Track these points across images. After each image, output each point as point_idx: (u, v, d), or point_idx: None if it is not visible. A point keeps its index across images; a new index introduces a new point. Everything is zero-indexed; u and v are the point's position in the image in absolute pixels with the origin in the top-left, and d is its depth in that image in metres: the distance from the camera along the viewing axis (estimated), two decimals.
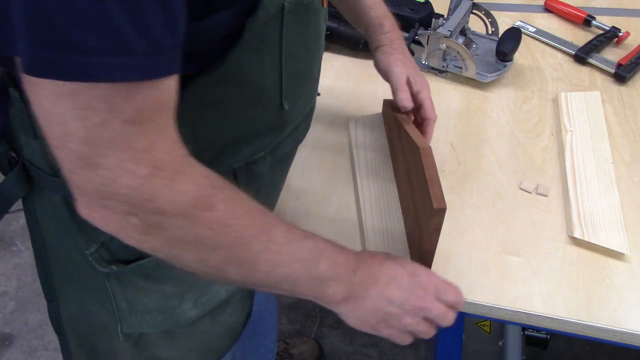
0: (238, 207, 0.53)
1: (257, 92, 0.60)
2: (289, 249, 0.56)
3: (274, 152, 0.70)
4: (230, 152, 0.64)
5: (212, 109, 0.58)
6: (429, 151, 0.73)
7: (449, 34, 1.06)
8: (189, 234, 0.50)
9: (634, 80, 1.14)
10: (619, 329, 0.75)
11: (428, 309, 0.63)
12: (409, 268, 0.65)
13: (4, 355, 1.67)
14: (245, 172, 0.67)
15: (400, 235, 0.82)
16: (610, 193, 0.90)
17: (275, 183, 0.78)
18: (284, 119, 0.67)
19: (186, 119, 0.54)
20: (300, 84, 0.67)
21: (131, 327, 0.74)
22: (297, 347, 1.63)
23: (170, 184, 0.47)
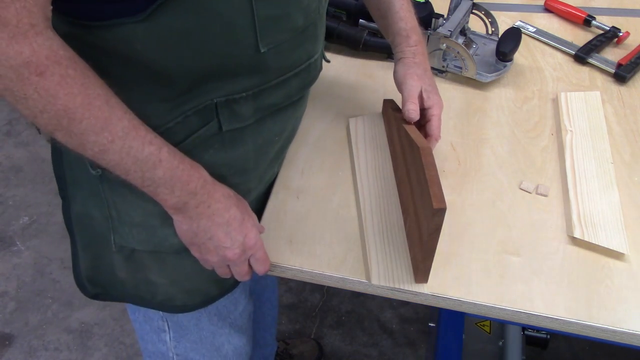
0: (76, 87, 0.58)
1: (227, 27, 0.64)
2: (123, 143, 0.62)
3: (257, 97, 0.73)
4: (209, 86, 0.69)
5: (183, 37, 0.63)
6: (429, 151, 0.73)
7: (449, 34, 1.06)
8: (18, 89, 0.57)
9: (634, 80, 1.14)
10: (619, 329, 0.75)
11: (235, 264, 0.75)
12: (246, 227, 0.74)
13: (4, 355, 1.67)
14: (226, 109, 0.71)
15: (400, 235, 0.83)
16: (610, 193, 0.90)
17: (265, 134, 0.80)
18: (263, 63, 0.70)
19: (159, 43, 0.62)
20: (278, 30, 0.70)
21: (121, 239, 0.80)
22: (297, 347, 1.63)
23: (8, 40, 0.54)
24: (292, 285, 1.85)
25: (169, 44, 0.63)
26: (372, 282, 0.78)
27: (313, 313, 1.78)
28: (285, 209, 0.87)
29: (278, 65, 0.74)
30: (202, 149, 0.74)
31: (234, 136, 0.75)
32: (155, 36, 0.62)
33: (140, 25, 0.61)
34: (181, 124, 0.71)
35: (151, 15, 0.60)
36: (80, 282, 0.89)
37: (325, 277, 0.80)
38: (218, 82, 0.69)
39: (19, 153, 2.21)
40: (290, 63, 0.76)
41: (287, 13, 0.70)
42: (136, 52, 0.63)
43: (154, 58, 0.64)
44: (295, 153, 0.95)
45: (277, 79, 0.75)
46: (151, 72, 0.65)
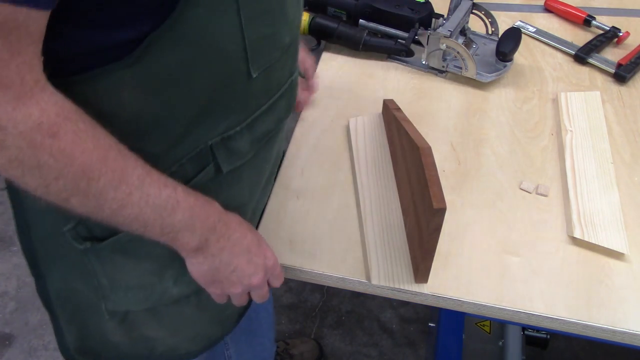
0: (90, 142, 0.53)
1: (220, 56, 0.60)
2: (142, 192, 0.57)
3: (251, 128, 0.70)
4: (203, 125, 0.64)
5: (175, 74, 0.58)
6: (429, 151, 0.73)
7: (449, 34, 1.06)
8: (30, 158, 0.50)
9: (634, 80, 1.14)
10: (619, 329, 0.75)
11: (259, 288, 0.72)
12: (264, 249, 0.72)
13: (4, 355, 1.67)
14: (223, 149, 0.67)
15: (400, 235, 0.83)
16: (610, 193, 0.90)
17: (259, 165, 0.77)
18: (255, 90, 0.67)
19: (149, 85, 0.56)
20: (267, 52, 0.66)
21: (115, 304, 0.76)
22: (298, 347, 1.63)
23: (15, 103, 0.48)
24: (292, 285, 1.85)
25: (159, 84, 0.58)
26: (372, 282, 0.78)
27: (313, 313, 1.78)
28: (285, 209, 0.87)
29: (267, 88, 0.70)
30: None
31: (231, 176, 0.72)
32: (145, 79, 0.56)
33: (128, 71, 0.55)
34: (176, 174, 0.65)
35: (140, 57, 0.54)
36: (69, 356, 0.84)
37: (325, 277, 0.80)
38: (211, 121, 0.65)
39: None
40: (277, 84, 0.72)
41: (275, 31, 0.66)
42: (123, 103, 0.57)
43: (143, 106, 0.58)
44: (295, 153, 0.95)
45: (267, 103, 0.71)
46: (140, 124, 0.60)
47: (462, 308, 0.78)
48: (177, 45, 0.55)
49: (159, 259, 0.72)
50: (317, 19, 1.13)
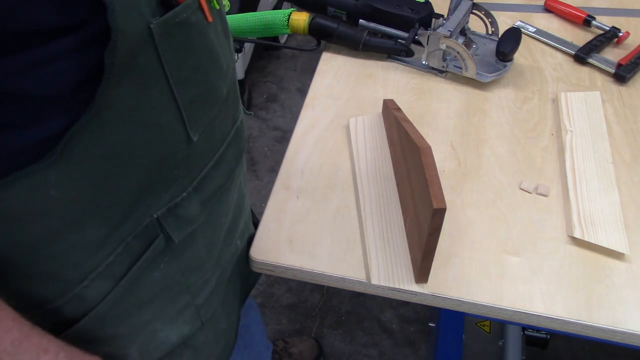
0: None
1: (155, 129, 0.54)
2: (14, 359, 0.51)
3: (199, 190, 0.64)
4: (145, 201, 0.58)
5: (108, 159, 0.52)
6: (429, 151, 0.73)
7: (449, 34, 1.06)
8: None
9: (634, 80, 1.14)
10: (619, 329, 0.75)
11: None
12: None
13: None
14: (171, 219, 0.62)
15: (400, 235, 0.83)
16: (610, 193, 0.90)
17: (214, 221, 0.71)
18: (196, 152, 0.62)
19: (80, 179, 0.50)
20: (206, 110, 0.61)
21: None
22: (297, 346, 1.63)
23: None
24: (292, 285, 1.85)
25: (90, 176, 0.51)
26: (372, 282, 0.78)
27: (313, 313, 1.78)
28: (285, 209, 0.87)
29: (210, 145, 0.65)
30: (152, 269, 0.63)
31: (184, 242, 0.65)
32: (74, 173, 0.49)
33: (50, 170, 0.48)
34: (122, 255, 0.59)
35: (63, 152, 0.47)
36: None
37: (325, 277, 0.80)
38: (154, 195, 0.59)
39: None
40: (220, 136, 0.67)
41: (211, 87, 0.60)
42: (52, 201, 0.50)
43: (75, 198, 0.51)
44: (295, 153, 0.95)
45: (213, 158, 0.66)
46: (75, 216, 0.53)
47: (462, 308, 0.78)
48: (104, 133, 0.50)
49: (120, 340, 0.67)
50: (317, 19, 1.13)
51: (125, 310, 0.64)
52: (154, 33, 0.49)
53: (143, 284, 0.63)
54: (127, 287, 0.61)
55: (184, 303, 0.71)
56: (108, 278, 0.59)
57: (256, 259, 0.81)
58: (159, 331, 0.70)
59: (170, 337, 0.72)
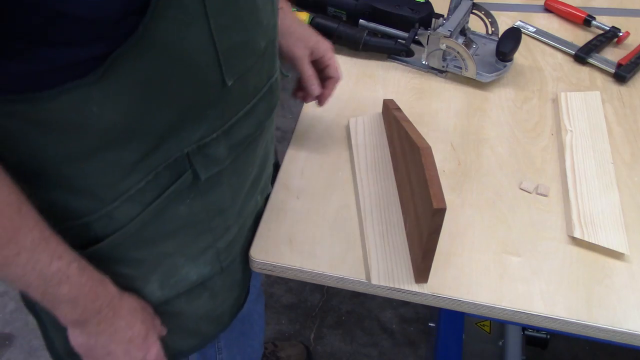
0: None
1: (191, 68, 0.59)
2: (31, 256, 0.56)
3: (228, 134, 0.68)
4: (178, 134, 0.63)
5: (144, 89, 0.56)
6: (429, 151, 0.73)
7: (449, 34, 1.06)
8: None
9: (634, 80, 1.14)
10: (619, 329, 0.75)
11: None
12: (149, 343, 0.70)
13: (4, 355, 1.67)
14: (200, 156, 0.66)
15: (400, 235, 0.83)
16: (610, 193, 0.90)
17: (241, 168, 0.75)
18: (231, 97, 0.66)
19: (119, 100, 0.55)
20: (242, 59, 0.65)
21: None
22: (285, 351, 1.63)
23: None
24: (292, 285, 1.85)
25: (128, 99, 0.56)
26: (372, 282, 0.78)
27: (313, 313, 1.78)
28: (285, 209, 0.87)
29: (244, 94, 0.69)
30: (178, 202, 0.68)
31: (210, 182, 0.70)
32: (113, 94, 0.54)
33: (94, 87, 0.53)
34: (153, 183, 0.64)
35: (106, 72, 0.53)
36: (59, 357, 0.83)
37: (325, 277, 0.80)
38: (187, 129, 0.63)
39: None
40: (254, 88, 0.71)
41: (249, 38, 0.64)
42: (93, 118, 0.55)
43: (114, 119, 0.56)
44: (295, 153, 0.95)
45: (245, 107, 0.70)
46: (113, 136, 0.58)
47: (462, 308, 0.78)
48: (143, 61, 0.54)
49: (142, 265, 0.71)
50: (317, 19, 1.13)
51: (149, 238, 0.68)
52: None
53: (169, 215, 0.67)
54: (153, 214, 0.66)
55: (206, 244, 0.75)
56: (137, 202, 0.63)
57: (256, 259, 0.81)
58: (180, 267, 0.74)
59: (190, 274, 0.76)
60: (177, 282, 0.76)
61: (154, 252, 0.71)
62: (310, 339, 1.73)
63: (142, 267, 0.72)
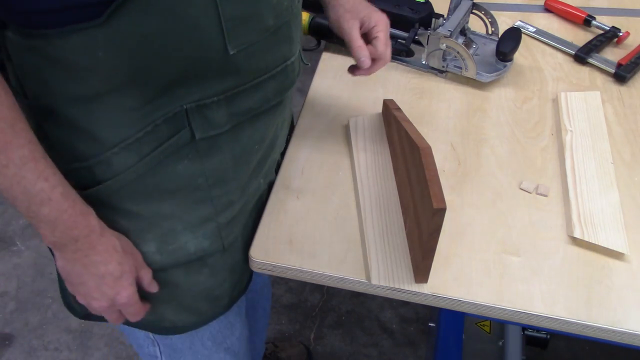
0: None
1: (192, 29, 0.61)
2: (17, 171, 0.59)
3: (231, 102, 0.70)
4: (178, 91, 0.66)
5: (146, 41, 0.60)
6: (429, 151, 0.73)
7: (449, 34, 1.06)
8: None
9: (634, 80, 1.14)
10: (619, 329, 0.75)
11: (102, 313, 0.73)
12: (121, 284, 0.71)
13: (4, 355, 1.67)
14: (197, 116, 0.68)
15: (400, 235, 0.83)
16: (610, 193, 0.90)
17: (244, 142, 0.76)
18: (234, 65, 0.67)
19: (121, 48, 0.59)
20: (247, 31, 0.66)
21: None
22: (286, 351, 1.63)
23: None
24: (292, 285, 1.85)
25: (131, 49, 0.60)
26: (372, 282, 0.78)
27: (313, 313, 1.78)
28: (285, 209, 0.87)
29: (251, 68, 0.70)
30: (175, 159, 0.70)
31: (209, 144, 0.72)
32: (117, 41, 0.58)
33: (99, 31, 0.57)
34: (151, 134, 0.67)
35: (109, 19, 0.57)
36: (69, 303, 0.86)
37: (325, 277, 0.80)
38: (187, 87, 0.66)
39: None
40: (264, 65, 0.72)
41: (255, 12, 0.66)
42: (99, 61, 0.59)
43: (118, 65, 0.60)
44: (295, 153, 0.95)
45: (252, 81, 0.71)
46: (116, 81, 0.62)
47: (462, 308, 0.78)
48: (146, 12, 0.57)
49: (138, 219, 0.73)
50: (317, 19, 1.13)
51: (146, 191, 0.71)
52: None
53: (166, 171, 0.70)
54: (150, 167, 0.68)
55: (206, 214, 0.76)
56: (134, 152, 0.66)
57: (256, 259, 0.81)
58: (178, 234, 0.76)
59: (188, 245, 0.77)
60: (175, 250, 0.77)
61: (150, 210, 0.73)
62: (310, 339, 1.73)
63: (138, 222, 0.73)
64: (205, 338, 0.91)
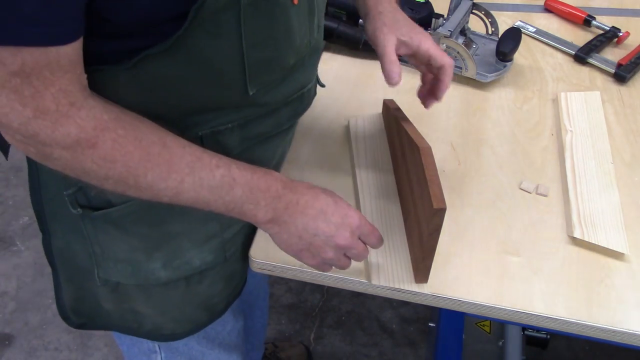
0: (130, 145, 0.58)
1: (216, 74, 0.63)
2: (194, 178, 0.61)
3: (244, 128, 0.71)
4: (194, 119, 0.67)
5: (169, 82, 0.62)
6: (429, 151, 0.73)
7: (449, 34, 1.06)
8: (76, 166, 0.58)
9: (634, 80, 1.14)
10: (619, 329, 0.75)
11: (350, 248, 0.70)
12: (342, 208, 0.69)
13: (4, 355, 1.67)
14: (211, 141, 0.69)
15: (400, 235, 0.82)
16: (610, 193, 0.90)
17: (250, 160, 0.75)
18: (252, 100, 0.68)
19: (142, 88, 0.61)
20: (269, 73, 0.68)
21: (106, 274, 0.78)
22: (286, 351, 1.63)
23: (53, 125, 0.55)
24: (292, 285, 1.85)
25: (151, 88, 0.62)
26: (372, 282, 0.77)
27: (313, 313, 1.78)
28: None
29: (268, 101, 0.71)
30: None
31: None
32: (138, 82, 0.61)
33: (123, 72, 0.60)
34: None
35: (136, 65, 0.59)
36: (65, 313, 0.87)
37: (325, 277, 0.80)
38: (204, 117, 0.67)
39: (19, 153, 2.20)
40: (281, 97, 0.73)
41: (278, 55, 0.67)
42: (118, 96, 0.61)
43: (135, 100, 0.62)
44: (296, 153, 0.95)
45: (267, 110, 0.73)
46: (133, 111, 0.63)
47: (462, 308, 0.78)
48: (173, 58, 0.59)
49: (147, 240, 0.74)
50: None
51: (157, 215, 0.72)
52: (242, 2, 0.58)
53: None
54: None
55: (213, 231, 0.77)
56: None
57: (256, 259, 0.81)
58: (185, 250, 0.77)
59: (194, 260, 0.78)
60: (180, 265, 0.77)
61: (161, 229, 0.73)
62: (310, 339, 1.73)
63: (148, 241, 0.74)
64: (200, 337, 0.92)
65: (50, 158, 0.58)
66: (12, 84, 0.52)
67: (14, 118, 0.54)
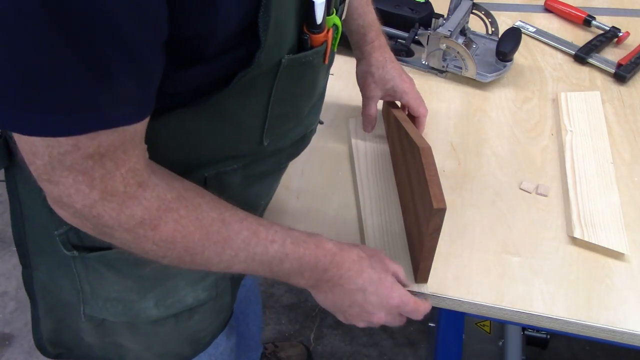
0: (191, 225, 0.57)
1: (238, 127, 0.63)
2: (247, 253, 0.61)
3: (246, 168, 0.70)
4: (202, 162, 0.66)
5: (190, 135, 0.61)
6: (429, 151, 0.73)
7: (449, 34, 1.06)
8: (136, 246, 0.56)
9: (634, 80, 1.14)
10: (619, 329, 0.75)
11: (386, 322, 0.71)
12: (385, 287, 0.69)
13: (4, 355, 1.67)
14: (215, 181, 0.68)
15: (400, 235, 0.82)
16: (610, 193, 0.90)
17: (251, 199, 0.77)
18: (262, 149, 0.69)
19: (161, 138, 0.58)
20: (283, 125, 0.69)
21: (93, 311, 0.76)
22: (286, 351, 1.63)
23: (119, 208, 0.52)
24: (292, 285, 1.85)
25: (169, 137, 0.60)
26: None
27: (313, 313, 1.78)
28: (285, 209, 0.87)
29: (275, 147, 0.71)
30: None
31: None
32: (159, 134, 0.58)
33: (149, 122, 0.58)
34: None
35: (158, 117, 0.56)
36: (40, 344, 0.84)
37: None
38: (213, 163, 0.67)
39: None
40: (288, 141, 0.74)
41: (297, 109, 0.69)
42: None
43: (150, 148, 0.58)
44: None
45: (270, 153, 0.73)
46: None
47: (462, 308, 0.78)
48: (196, 113, 0.59)
49: (143, 281, 0.73)
50: None
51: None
52: (281, 66, 0.58)
53: None
54: None
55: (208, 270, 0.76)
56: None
57: None
58: (179, 289, 0.76)
59: (187, 298, 0.77)
60: (172, 304, 0.76)
61: (157, 271, 0.71)
62: (310, 339, 1.73)
63: (143, 282, 0.73)
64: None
65: (109, 238, 0.56)
66: (82, 166, 0.48)
67: (78, 199, 0.50)
